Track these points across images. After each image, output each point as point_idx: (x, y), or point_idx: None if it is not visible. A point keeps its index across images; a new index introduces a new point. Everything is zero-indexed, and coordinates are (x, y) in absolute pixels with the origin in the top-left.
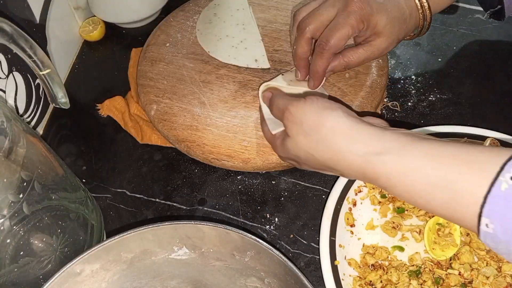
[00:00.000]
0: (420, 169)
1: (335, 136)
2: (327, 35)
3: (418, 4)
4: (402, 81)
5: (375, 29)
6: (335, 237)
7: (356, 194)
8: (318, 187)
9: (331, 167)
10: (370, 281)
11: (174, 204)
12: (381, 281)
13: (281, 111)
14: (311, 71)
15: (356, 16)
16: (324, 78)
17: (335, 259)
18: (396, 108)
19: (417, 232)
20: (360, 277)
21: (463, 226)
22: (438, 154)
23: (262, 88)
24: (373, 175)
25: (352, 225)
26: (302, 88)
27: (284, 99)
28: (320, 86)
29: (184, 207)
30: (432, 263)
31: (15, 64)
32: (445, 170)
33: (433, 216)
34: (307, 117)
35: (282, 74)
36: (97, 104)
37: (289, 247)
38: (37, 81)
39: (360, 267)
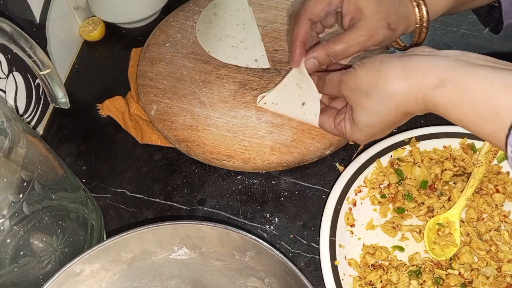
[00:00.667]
0: (471, 101)
1: (392, 81)
2: (304, 2)
3: None
4: None
5: (358, 2)
6: (335, 237)
7: (356, 194)
8: (318, 187)
9: (398, 117)
10: (370, 281)
11: (174, 204)
12: (381, 281)
13: (337, 84)
14: (288, 45)
15: None
16: (303, 60)
17: (335, 259)
18: None
19: (417, 232)
20: (360, 277)
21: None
22: (488, 84)
23: (259, 99)
24: (433, 107)
25: (352, 225)
26: (298, 89)
27: (335, 73)
28: (301, 63)
29: (184, 207)
30: (432, 263)
31: (15, 64)
32: (493, 101)
33: (433, 216)
34: (362, 79)
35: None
36: (97, 104)
37: (289, 247)
38: (37, 81)
39: (360, 267)
